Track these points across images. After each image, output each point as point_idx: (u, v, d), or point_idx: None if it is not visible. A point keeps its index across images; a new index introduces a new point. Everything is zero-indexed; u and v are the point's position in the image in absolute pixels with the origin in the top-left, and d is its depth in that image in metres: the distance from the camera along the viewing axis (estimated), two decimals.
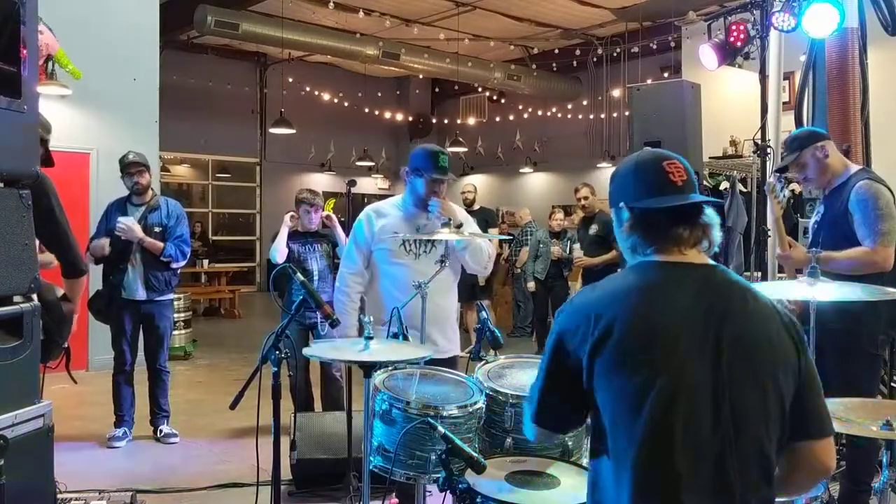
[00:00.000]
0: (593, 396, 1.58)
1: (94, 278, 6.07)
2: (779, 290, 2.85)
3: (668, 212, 1.63)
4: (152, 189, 5.45)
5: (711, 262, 1.66)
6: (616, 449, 1.55)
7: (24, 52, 2.31)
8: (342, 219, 5.40)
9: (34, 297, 2.43)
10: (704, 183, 5.90)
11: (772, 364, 1.57)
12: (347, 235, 5.29)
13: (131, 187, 5.29)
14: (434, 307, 3.27)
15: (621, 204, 1.69)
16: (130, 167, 5.27)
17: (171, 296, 5.50)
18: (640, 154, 1.75)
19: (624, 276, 1.67)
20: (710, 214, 1.66)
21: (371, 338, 2.62)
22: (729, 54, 5.41)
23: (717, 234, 1.66)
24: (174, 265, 5.31)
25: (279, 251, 5.22)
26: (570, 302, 1.69)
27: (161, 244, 5.19)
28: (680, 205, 1.63)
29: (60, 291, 2.86)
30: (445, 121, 17.37)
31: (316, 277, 5.25)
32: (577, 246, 7.48)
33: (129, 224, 5.14)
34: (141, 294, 5.22)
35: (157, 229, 5.24)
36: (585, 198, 7.37)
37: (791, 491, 1.79)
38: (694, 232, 1.63)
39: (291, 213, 5.39)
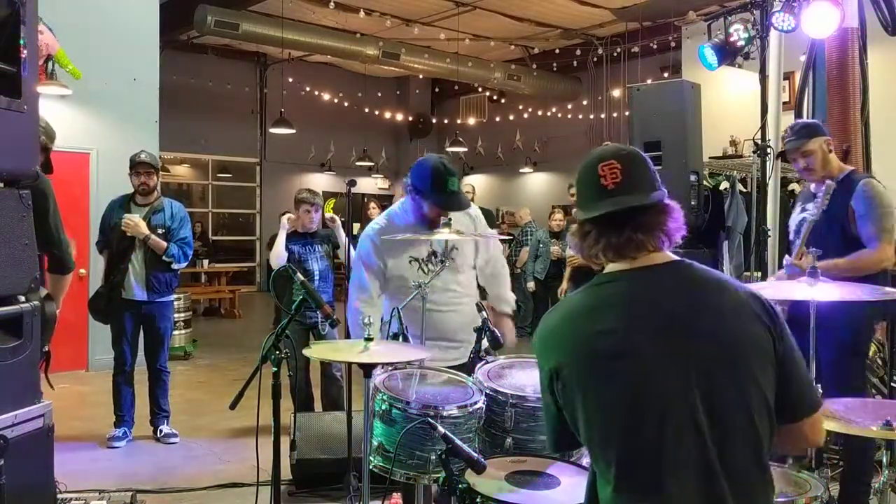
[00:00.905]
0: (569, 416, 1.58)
1: (95, 278, 6.09)
2: (779, 291, 2.84)
3: (594, 222, 1.59)
4: (157, 190, 5.45)
5: (675, 257, 1.61)
6: (599, 467, 1.54)
7: (24, 52, 2.31)
8: (342, 219, 5.40)
9: (34, 296, 2.43)
10: (704, 183, 5.89)
11: (746, 357, 1.53)
12: (348, 236, 5.29)
13: (138, 187, 5.27)
14: (460, 312, 3.22)
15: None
16: (140, 167, 5.25)
17: (172, 297, 5.50)
18: (591, 153, 1.68)
19: (585, 291, 1.64)
20: (655, 212, 1.58)
21: (371, 339, 2.62)
22: (729, 54, 5.41)
23: (671, 228, 1.58)
24: (175, 266, 5.31)
25: (278, 256, 5.19)
26: (537, 332, 1.67)
27: (164, 244, 5.19)
28: (605, 213, 1.57)
29: (44, 292, 2.85)
30: (445, 121, 17.37)
31: (317, 278, 5.24)
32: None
33: (136, 220, 5.14)
34: (142, 295, 5.21)
35: (160, 230, 5.24)
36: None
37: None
38: (621, 237, 1.57)
39: (289, 214, 5.36)
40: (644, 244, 1.57)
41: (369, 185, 17.81)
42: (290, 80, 15.18)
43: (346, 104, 15.63)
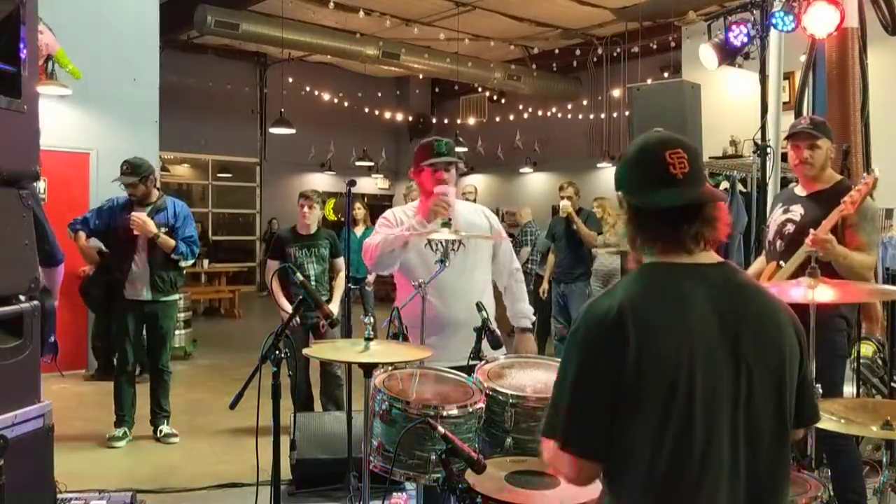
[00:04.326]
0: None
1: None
2: (779, 291, 2.84)
3: (662, 209, 1.56)
4: (159, 189, 5.44)
5: (721, 259, 1.61)
6: (630, 473, 1.50)
7: (24, 52, 2.31)
8: (342, 218, 5.40)
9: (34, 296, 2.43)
10: None
11: (785, 365, 1.56)
12: (342, 237, 5.30)
13: (129, 196, 5.29)
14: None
15: (620, 192, 1.64)
16: (123, 178, 5.25)
17: (176, 296, 5.49)
18: (646, 137, 1.65)
19: (634, 282, 1.58)
20: (717, 209, 1.58)
21: (371, 338, 2.62)
22: (729, 54, 5.40)
23: (723, 227, 1.58)
24: (183, 264, 5.31)
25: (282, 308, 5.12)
26: (581, 322, 1.56)
27: (173, 242, 5.19)
28: (685, 204, 1.55)
29: (40, 285, 2.84)
30: (445, 121, 17.36)
31: (313, 282, 5.25)
32: (567, 203, 7.36)
33: (144, 218, 5.13)
34: (146, 294, 5.22)
35: (163, 230, 5.23)
36: (570, 197, 7.40)
37: None
38: (691, 229, 1.55)
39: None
40: (707, 240, 1.58)
41: (369, 185, 17.80)
42: (290, 80, 15.17)
43: (346, 104, 15.62)
